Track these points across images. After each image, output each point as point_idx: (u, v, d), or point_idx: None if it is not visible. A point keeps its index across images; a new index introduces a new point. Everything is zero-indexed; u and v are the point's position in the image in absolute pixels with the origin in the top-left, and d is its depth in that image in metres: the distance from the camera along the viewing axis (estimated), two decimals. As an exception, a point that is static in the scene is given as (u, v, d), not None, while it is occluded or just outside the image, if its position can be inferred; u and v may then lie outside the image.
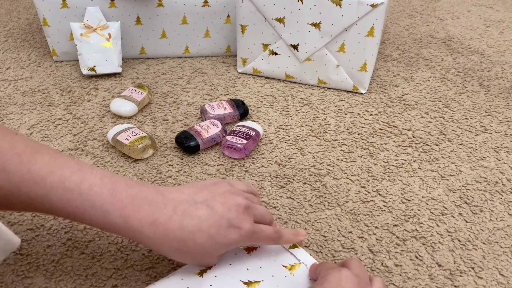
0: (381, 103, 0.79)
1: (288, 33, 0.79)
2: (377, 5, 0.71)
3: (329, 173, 0.63)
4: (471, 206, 0.58)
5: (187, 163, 0.64)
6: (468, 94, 0.82)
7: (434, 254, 0.51)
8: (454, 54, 0.97)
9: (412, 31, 1.08)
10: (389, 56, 0.96)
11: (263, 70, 0.86)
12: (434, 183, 0.61)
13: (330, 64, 0.80)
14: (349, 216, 0.56)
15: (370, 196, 0.59)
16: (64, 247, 0.51)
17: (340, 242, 0.52)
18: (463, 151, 0.68)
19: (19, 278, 0.48)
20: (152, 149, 0.65)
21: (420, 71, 0.90)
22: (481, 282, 0.48)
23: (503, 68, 0.92)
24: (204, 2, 0.86)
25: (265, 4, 0.77)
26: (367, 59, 0.78)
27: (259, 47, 0.84)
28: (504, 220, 0.56)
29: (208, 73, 0.89)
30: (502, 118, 0.75)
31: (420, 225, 0.55)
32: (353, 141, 0.70)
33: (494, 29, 1.10)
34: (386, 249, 0.52)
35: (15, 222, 0.54)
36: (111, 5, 0.84)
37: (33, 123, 0.72)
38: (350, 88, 0.82)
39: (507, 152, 0.67)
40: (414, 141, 0.70)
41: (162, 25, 0.88)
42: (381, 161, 0.65)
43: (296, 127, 0.73)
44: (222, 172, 0.63)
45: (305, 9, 0.75)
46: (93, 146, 0.67)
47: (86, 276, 0.48)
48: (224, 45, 0.94)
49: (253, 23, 0.81)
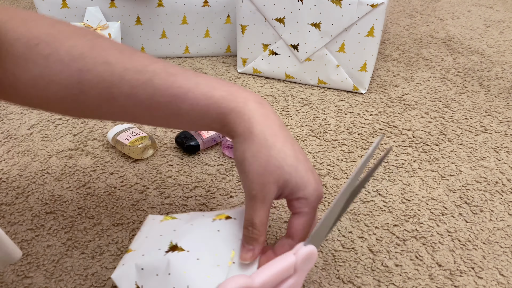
0: (381, 103, 0.79)
1: (288, 33, 0.79)
2: (377, 5, 0.71)
3: (329, 173, 0.63)
4: (471, 206, 0.58)
5: (187, 163, 0.64)
6: (468, 94, 0.82)
7: (434, 254, 0.51)
8: (454, 54, 0.97)
9: (412, 31, 1.08)
10: (389, 56, 0.96)
11: (263, 70, 0.86)
12: (434, 183, 0.61)
13: (330, 64, 0.80)
14: (349, 216, 0.56)
15: (370, 196, 0.59)
16: (64, 247, 0.51)
17: (340, 242, 0.52)
18: (463, 151, 0.68)
19: (19, 278, 0.48)
20: (152, 149, 0.65)
21: (420, 71, 0.90)
22: (481, 282, 0.48)
23: (503, 68, 0.92)
24: (204, 2, 0.86)
25: (265, 4, 0.77)
26: (367, 59, 0.78)
27: (259, 47, 0.84)
28: (504, 220, 0.56)
29: (208, 73, 0.89)
30: (502, 118, 0.75)
31: (420, 225, 0.55)
32: (353, 141, 0.70)
33: (494, 29, 1.10)
34: (386, 249, 0.52)
35: (15, 222, 0.54)
36: (111, 5, 0.84)
37: (33, 123, 0.72)
38: (350, 88, 0.82)
39: (507, 152, 0.67)
40: (414, 141, 0.70)
41: (162, 25, 0.88)
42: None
43: (296, 127, 0.73)
44: (222, 172, 0.63)
45: (305, 9, 0.75)
46: (93, 146, 0.67)
47: (86, 276, 0.48)
48: (224, 45, 0.94)
49: (253, 23, 0.81)
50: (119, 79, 0.36)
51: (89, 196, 0.58)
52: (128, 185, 0.60)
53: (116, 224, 0.54)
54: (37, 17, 0.38)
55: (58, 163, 0.64)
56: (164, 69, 0.37)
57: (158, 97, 0.37)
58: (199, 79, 0.37)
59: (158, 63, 0.38)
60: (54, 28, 0.37)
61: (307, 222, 0.38)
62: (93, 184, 0.60)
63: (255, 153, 0.35)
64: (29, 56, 0.36)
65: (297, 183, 0.36)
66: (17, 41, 0.36)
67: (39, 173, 0.62)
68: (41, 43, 0.36)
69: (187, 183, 0.61)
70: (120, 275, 0.40)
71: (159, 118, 0.39)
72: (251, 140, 0.35)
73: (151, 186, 0.60)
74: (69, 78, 0.36)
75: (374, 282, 0.48)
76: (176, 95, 0.37)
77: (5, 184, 0.60)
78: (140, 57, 0.38)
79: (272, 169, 0.35)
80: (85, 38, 0.37)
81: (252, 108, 0.36)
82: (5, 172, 0.62)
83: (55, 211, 0.56)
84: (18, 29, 0.36)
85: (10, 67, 0.36)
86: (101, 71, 0.36)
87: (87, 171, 0.62)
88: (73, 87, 0.37)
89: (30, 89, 0.37)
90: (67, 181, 0.60)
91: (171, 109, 0.37)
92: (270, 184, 0.35)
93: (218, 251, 0.39)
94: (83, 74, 0.36)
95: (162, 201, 0.58)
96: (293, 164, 0.36)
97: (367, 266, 0.50)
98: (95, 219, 0.55)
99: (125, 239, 0.52)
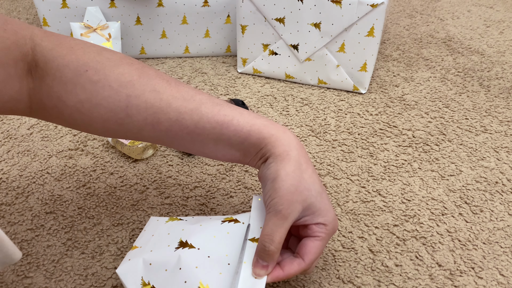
0: (381, 103, 0.79)
1: (288, 33, 0.79)
2: (377, 5, 0.71)
3: (329, 173, 0.63)
4: (471, 206, 0.58)
5: (187, 163, 0.64)
6: (468, 94, 0.82)
7: (434, 254, 0.51)
8: (454, 54, 0.97)
9: (412, 31, 1.08)
10: (389, 56, 0.96)
11: (263, 70, 0.86)
12: (434, 183, 0.61)
13: (330, 64, 0.80)
14: (349, 216, 0.56)
15: (370, 196, 0.59)
16: (64, 247, 0.51)
17: (340, 242, 0.52)
18: (463, 151, 0.68)
19: (19, 278, 0.48)
20: (152, 149, 0.65)
21: (420, 71, 0.90)
22: (481, 282, 0.48)
23: (503, 68, 0.92)
24: (204, 2, 0.86)
25: (265, 4, 0.77)
26: (367, 59, 0.78)
27: (259, 47, 0.84)
28: (504, 220, 0.56)
29: (208, 73, 0.89)
30: (502, 118, 0.75)
31: (420, 225, 0.55)
32: (353, 141, 0.70)
33: (494, 29, 1.10)
34: (386, 249, 0.52)
35: (15, 222, 0.54)
36: (111, 5, 0.84)
37: (33, 123, 0.72)
38: (350, 88, 0.82)
39: (507, 152, 0.67)
40: (414, 141, 0.70)
41: (162, 25, 0.88)
42: (381, 161, 0.65)
43: (296, 127, 0.73)
44: (222, 172, 0.63)
45: (305, 9, 0.75)
46: (93, 146, 0.67)
47: (86, 276, 0.48)
48: (224, 45, 0.94)
49: (253, 23, 0.81)
50: (166, 106, 0.39)
51: (89, 196, 0.58)
52: (128, 185, 0.60)
53: (116, 224, 0.54)
54: (84, 44, 0.40)
55: (58, 163, 0.64)
56: (209, 99, 0.41)
57: (204, 123, 0.40)
58: (241, 110, 0.41)
59: (203, 94, 0.41)
60: (102, 56, 0.40)
61: (321, 247, 0.40)
62: (93, 184, 0.60)
63: (290, 173, 0.38)
64: (77, 81, 0.38)
65: (321, 209, 0.39)
66: (66, 67, 0.38)
67: (39, 173, 0.62)
68: (90, 70, 0.38)
69: (187, 183, 0.61)
70: (125, 270, 0.41)
71: (198, 143, 0.41)
72: (288, 160, 0.38)
73: (151, 186, 0.60)
74: (117, 102, 0.39)
75: (374, 282, 0.48)
76: (222, 121, 0.40)
77: (5, 184, 0.60)
78: (185, 87, 0.41)
79: (302, 190, 0.38)
80: (132, 67, 0.40)
81: (290, 136, 0.40)
82: (5, 172, 0.62)
83: (55, 211, 0.56)
84: (66, 56, 0.38)
85: (56, 92, 0.39)
86: (150, 98, 0.39)
87: (87, 171, 0.62)
88: (120, 111, 0.39)
89: (75, 112, 0.40)
90: (67, 181, 0.60)
91: (214, 134, 0.40)
92: (298, 203, 0.38)
93: (229, 251, 0.40)
94: (131, 100, 0.39)
95: (162, 201, 0.58)
96: (319, 191, 0.39)
97: (367, 266, 0.50)
98: (95, 219, 0.55)
99: (125, 239, 0.52)
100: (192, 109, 0.39)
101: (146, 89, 0.39)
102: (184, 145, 0.42)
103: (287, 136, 0.40)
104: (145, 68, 0.41)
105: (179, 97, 0.40)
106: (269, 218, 0.38)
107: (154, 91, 0.39)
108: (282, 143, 0.39)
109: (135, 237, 0.52)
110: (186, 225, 0.43)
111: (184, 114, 0.39)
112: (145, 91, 0.39)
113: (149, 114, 0.39)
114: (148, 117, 0.39)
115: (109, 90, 0.39)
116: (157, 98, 0.39)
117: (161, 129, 0.40)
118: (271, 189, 0.38)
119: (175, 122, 0.40)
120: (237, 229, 0.42)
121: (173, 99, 0.39)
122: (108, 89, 0.39)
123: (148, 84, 0.40)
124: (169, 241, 0.41)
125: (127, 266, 0.41)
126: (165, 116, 0.39)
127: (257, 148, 0.40)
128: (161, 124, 0.40)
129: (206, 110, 0.40)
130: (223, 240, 0.41)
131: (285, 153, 0.39)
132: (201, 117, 0.40)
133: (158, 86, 0.40)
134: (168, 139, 0.41)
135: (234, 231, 0.41)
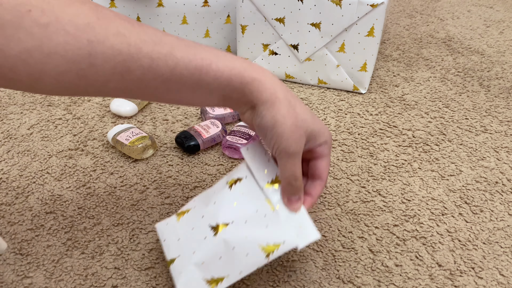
0: (381, 103, 0.79)
1: (288, 33, 0.79)
2: (377, 5, 0.71)
3: (329, 173, 0.63)
4: (471, 206, 0.58)
5: (187, 163, 0.64)
6: (468, 94, 0.82)
7: (434, 254, 0.51)
8: (454, 54, 0.97)
9: (412, 31, 1.08)
10: (389, 56, 0.96)
11: (263, 70, 0.86)
12: (434, 183, 0.61)
13: (330, 64, 0.80)
14: (349, 216, 0.56)
15: (370, 196, 0.59)
16: (64, 247, 0.51)
17: (340, 242, 0.52)
18: (463, 151, 0.68)
19: (19, 278, 0.47)
20: (152, 149, 0.65)
21: (420, 71, 0.90)
22: (481, 282, 0.48)
23: (503, 68, 0.92)
24: (204, 2, 0.86)
25: (265, 4, 0.77)
26: (367, 59, 0.78)
27: (259, 47, 0.84)
28: (504, 220, 0.56)
29: (208, 73, 0.89)
30: (502, 118, 0.75)
31: (420, 225, 0.55)
32: (353, 141, 0.70)
33: (494, 29, 1.10)
34: (386, 249, 0.52)
35: (15, 222, 0.54)
36: (111, 5, 0.84)
37: (33, 123, 0.72)
38: (350, 88, 0.82)
39: (507, 152, 0.67)
40: (414, 141, 0.70)
41: (162, 25, 0.88)
42: (381, 161, 0.65)
43: (296, 127, 0.73)
44: (222, 172, 0.63)
45: (305, 9, 0.75)
46: (93, 146, 0.67)
47: (86, 276, 0.48)
48: (224, 45, 0.94)
49: (253, 23, 0.81)
50: (137, 51, 0.34)
51: (89, 196, 0.58)
52: (128, 185, 0.60)
53: (116, 224, 0.54)
54: None
55: (58, 163, 0.64)
56: (179, 40, 0.37)
57: (181, 69, 0.36)
58: (216, 52, 0.39)
59: (170, 35, 0.37)
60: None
61: (329, 163, 0.44)
62: (93, 184, 0.60)
63: (286, 114, 0.38)
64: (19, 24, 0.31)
65: (319, 131, 0.42)
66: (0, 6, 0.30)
67: (39, 173, 0.62)
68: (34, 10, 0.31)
69: (187, 183, 0.61)
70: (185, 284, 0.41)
71: (173, 92, 0.38)
72: (279, 103, 0.38)
73: (151, 186, 0.60)
74: (76, 50, 0.33)
75: (374, 282, 0.48)
76: (200, 66, 0.37)
77: (5, 184, 0.60)
78: (150, 28, 0.36)
79: (301, 124, 0.39)
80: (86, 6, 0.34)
81: (271, 77, 0.40)
82: (5, 172, 0.62)
83: (55, 211, 0.56)
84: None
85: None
86: (116, 43, 0.34)
87: (87, 171, 0.62)
88: (81, 61, 0.33)
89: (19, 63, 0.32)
90: (67, 181, 0.60)
91: (192, 81, 0.37)
92: (302, 137, 0.40)
93: (256, 208, 0.42)
94: (94, 46, 0.33)
95: (162, 201, 0.58)
96: (312, 115, 0.41)
97: (367, 266, 0.50)
98: (95, 219, 0.55)
99: (125, 239, 0.52)
100: (165, 54, 0.35)
101: (110, 32, 0.33)
102: (156, 95, 0.38)
103: (269, 78, 0.39)
104: (99, 7, 0.35)
105: (149, 41, 0.35)
106: (285, 161, 0.40)
107: (119, 34, 0.34)
108: (266, 87, 0.38)
109: (135, 237, 0.52)
110: (201, 211, 0.44)
111: (158, 60, 0.35)
112: (109, 35, 0.33)
113: (117, 62, 0.34)
114: (117, 65, 0.34)
115: (64, 35, 0.32)
116: (125, 42, 0.34)
117: (132, 79, 0.35)
118: (274, 136, 0.39)
119: (148, 69, 0.35)
120: (247, 185, 0.43)
121: (142, 43, 0.34)
122: (63, 33, 0.32)
123: (111, 27, 0.34)
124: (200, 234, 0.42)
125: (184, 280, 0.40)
126: (136, 63, 0.34)
127: (240, 94, 0.39)
128: (132, 73, 0.35)
129: (181, 54, 0.36)
130: (243, 202, 0.42)
131: (273, 96, 0.38)
132: (177, 62, 0.36)
133: (122, 28, 0.34)
134: (138, 90, 0.37)
135: (246, 189, 0.43)
